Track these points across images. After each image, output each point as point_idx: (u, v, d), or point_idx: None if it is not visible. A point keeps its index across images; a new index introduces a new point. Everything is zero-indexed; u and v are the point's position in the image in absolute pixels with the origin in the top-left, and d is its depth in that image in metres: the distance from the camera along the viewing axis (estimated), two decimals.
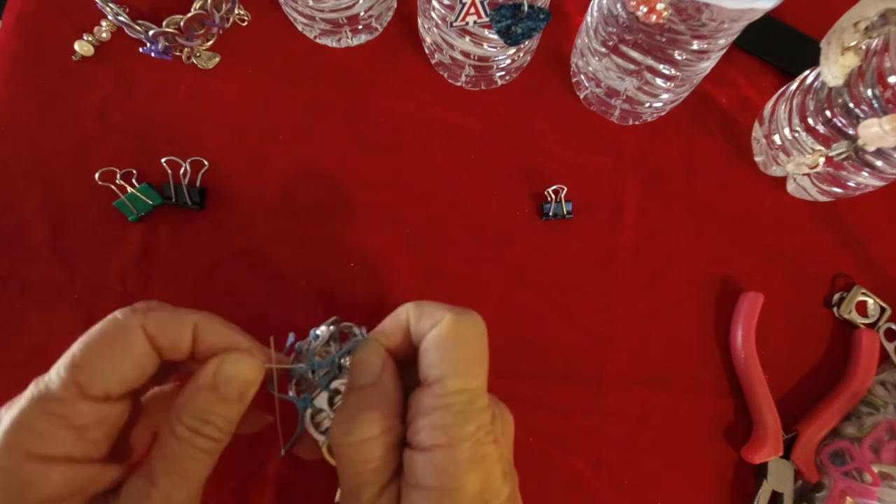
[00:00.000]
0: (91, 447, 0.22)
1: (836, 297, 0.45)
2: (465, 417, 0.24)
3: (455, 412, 0.24)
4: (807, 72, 0.42)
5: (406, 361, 0.28)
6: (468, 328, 0.26)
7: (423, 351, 0.25)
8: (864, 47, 0.36)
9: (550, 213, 0.45)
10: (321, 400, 0.29)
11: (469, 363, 0.25)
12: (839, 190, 0.43)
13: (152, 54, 0.45)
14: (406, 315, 0.27)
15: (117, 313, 0.25)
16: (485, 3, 0.36)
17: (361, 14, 0.44)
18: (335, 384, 0.29)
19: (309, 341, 0.31)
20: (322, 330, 0.31)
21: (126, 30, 0.45)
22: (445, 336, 0.25)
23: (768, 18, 0.36)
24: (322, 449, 0.29)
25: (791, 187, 0.47)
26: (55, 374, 0.23)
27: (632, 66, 0.41)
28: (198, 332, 0.26)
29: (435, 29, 0.42)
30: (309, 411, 0.29)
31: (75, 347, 0.23)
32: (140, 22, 0.44)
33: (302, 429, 0.29)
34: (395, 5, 0.47)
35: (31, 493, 0.20)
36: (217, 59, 0.46)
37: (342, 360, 0.29)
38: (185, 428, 0.24)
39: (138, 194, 0.42)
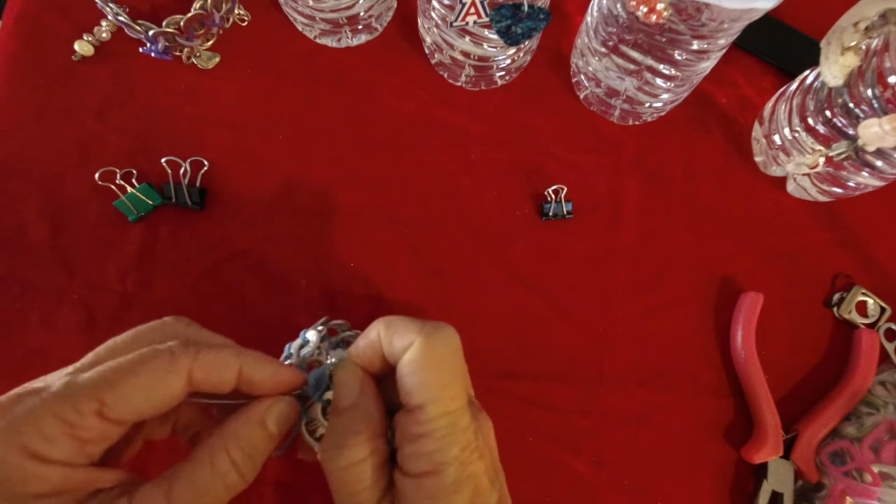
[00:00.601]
0: (87, 457, 0.23)
1: (836, 297, 0.45)
2: (449, 442, 0.25)
3: (438, 437, 0.25)
4: (807, 72, 0.42)
5: (385, 376, 0.28)
6: (441, 348, 0.26)
7: (400, 376, 0.26)
8: (864, 47, 0.36)
9: (550, 213, 0.45)
10: (315, 410, 0.29)
11: (445, 386, 0.25)
12: (839, 190, 0.43)
13: (152, 54, 0.45)
14: (377, 334, 0.27)
15: (172, 345, 0.25)
16: (485, 3, 0.36)
17: (361, 14, 0.44)
18: (328, 395, 0.29)
19: (300, 344, 0.31)
20: (311, 334, 0.31)
21: (126, 30, 0.45)
22: (419, 361, 0.25)
23: (768, 18, 0.36)
24: (318, 454, 0.30)
25: (791, 187, 0.47)
26: (85, 378, 0.23)
27: (632, 66, 0.41)
28: (243, 375, 0.26)
29: (435, 29, 0.42)
30: (304, 420, 0.29)
31: (116, 365, 0.23)
32: (140, 22, 0.44)
33: (297, 433, 0.30)
34: (395, 5, 0.47)
35: (20, 488, 0.20)
36: (217, 59, 0.46)
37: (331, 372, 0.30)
38: (228, 461, 0.25)
39: (138, 194, 0.42)
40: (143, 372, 0.24)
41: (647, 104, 0.44)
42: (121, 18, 0.44)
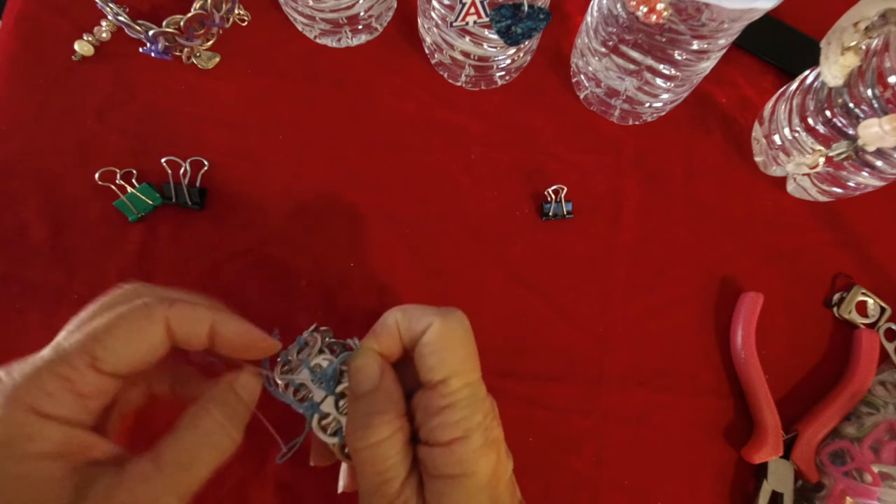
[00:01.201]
0: (87, 415, 0.24)
1: (836, 297, 0.45)
2: (473, 409, 0.27)
3: (463, 406, 0.27)
4: (807, 72, 0.42)
5: (399, 362, 0.30)
6: (457, 329, 0.28)
7: (420, 356, 0.28)
8: (864, 47, 0.36)
9: (550, 213, 0.45)
10: (328, 405, 0.30)
11: (464, 360, 0.28)
12: (839, 190, 0.43)
13: (152, 54, 0.45)
14: (394, 321, 0.29)
15: (146, 300, 0.26)
16: (485, 3, 0.36)
17: (361, 14, 0.44)
18: (339, 388, 0.30)
19: (298, 349, 0.31)
20: (308, 336, 0.31)
21: (126, 30, 0.45)
22: (438, 341, 0.27)
23: (768, 18, 0.36)
24: (335, 450, 0.30)
25: (791, 187, 0.47)
26: (72, 339, 0.24)
27: (632, 66, 0.41)
28: (215, 330, 0.28)
29: (435, 29, 0.42)
30: (316, 416, 0.30)
31: (98, 322, 0.25)
32: (140, 22, 0.44)
33: (307, 433, 0.30)
34: (395, 5, 0.48)
35: (27, 446, 0.21)
36: (217, 59, 0.46)
37: (342, 366, 0.30)
38: (212, 421, 0.26)
39: (138, 194, 0.42)
40: (122, 324, 0.25)
41: (647, 104, 0.44)
42: (121, 18, 0.44)
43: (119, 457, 0.24)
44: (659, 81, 0.41)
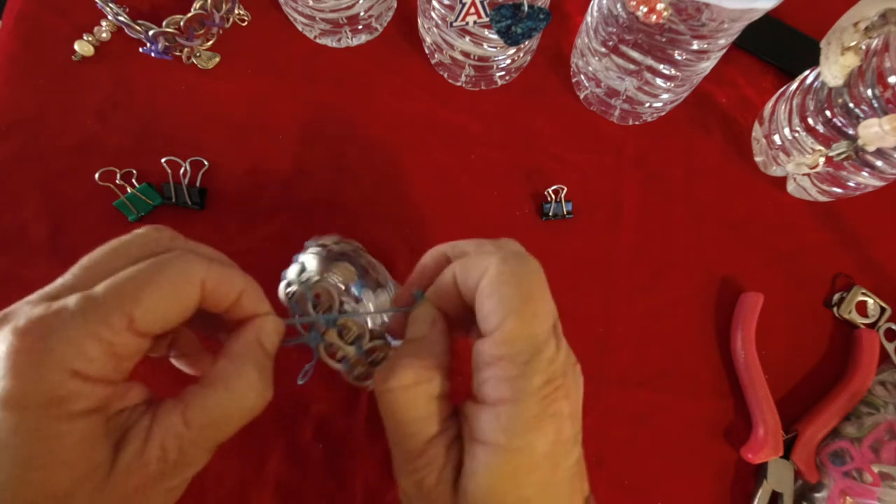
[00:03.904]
0: (122, 373, 0.23)
1: (836, 297, 0.45)
2: (532, 369, 0.22)
3: (520, 363, 0.22)
4: (807, 72, 0.42)
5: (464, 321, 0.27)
6: (519, 266, 0.24)
7: (478, 305, 0.24)
8: (864, 47, 0.36)
9: (550, 213, 0.44)
10: (331, 335, 0.29)
11: (525, 299, 0.23)
12: (839, 190, 0.43)
13: (152, 54, 0.45)
14: (451, 276, 0.26)
15: (180, 254, 0.24)
16: (485, 3, 0.36)
17: (361, 14, 0.44)
18: (342, 320, 0.29)
19: (298, 270, 0.31)
20: (308, 258, 0.31)
21: (126, 30, 0.45)
22: (495, 280, 0.23)
23: (768, 18, 0.36)
24: (345, 376, 0.30)
25: (791, 187, 0.47)
26: (106, 295, 0.22)
27: (632, 66, 0.41)
28: (241, 298, 0.26)
29: (435, 29, 0.42)
30: (321, 344, 0.29)
31: (134, 277, 0.23)
32: (140, 22, 0.44)
33: (317, 359, 0.30)
34: (395, 5, 0.47)
35: (69, 406, 0.21)
36: (217, 59, 0.46)
37: (342, 300, 0.30)
38: (246, 383, 0.24)
39: (138, 194, 0.42)
40: (163, 283, 0.23)
41: (647, 104, 0.44)
42: (121, 18, 0.44)
43: (147, 399, 0.24)
44: (659, 81, 0.41)
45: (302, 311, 0.30)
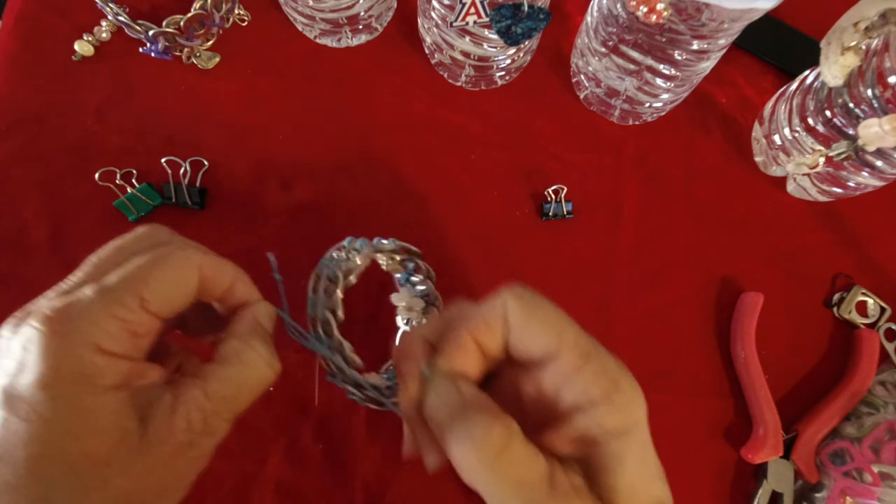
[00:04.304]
0: (140, 352, 0.25)
1: (836, 297, 0.45)
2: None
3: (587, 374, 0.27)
4: (807, 72, 0.42)
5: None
6: (534, 298, 0.28)
7: (513, 345, 0.28)
8: (864, 47, 0.36)
9: (550, 213, 0.44)
10: (338, 360, 0.32)
11: (566, 323, 0.28)
12: (839, 190, 0.43)
13: (152, 54, 0.45)
14: (468, 340, 0.28)
15: (184, 248, 0.27)
16: (485, 3, 0.36)
17: (361, 14, 0.44)
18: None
19: (334, 254, 0.35)
20: (416, 304, 0.34)
21: (126, 30, 0.45)
22: (520, 313, 0.28)
23: (768, 18, 0.36)
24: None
25: (791, 187, 0.47)
26: (117, 280, 0.25)
27: (632, 66, 0.41)
28: (234, 286, 0.29)
29: (435, 29, 0.42)
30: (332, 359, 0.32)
31: (138, 266, 0.25)
32: (140, 22, 0.44)
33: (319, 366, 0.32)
34: (395, 5, 0.47)
35: (97, 381, 0.23)
36: (217, 59, 0.46)
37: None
38: (258, 355, 0.27)
39: (138, 194, 0.42)
40: (167, 267, 0.26)
41: (647, 104, 0.44)
42: (121, 18, 0.44)
43: (166, 378, 0.26)
44: (659, 81, 0.41)
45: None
